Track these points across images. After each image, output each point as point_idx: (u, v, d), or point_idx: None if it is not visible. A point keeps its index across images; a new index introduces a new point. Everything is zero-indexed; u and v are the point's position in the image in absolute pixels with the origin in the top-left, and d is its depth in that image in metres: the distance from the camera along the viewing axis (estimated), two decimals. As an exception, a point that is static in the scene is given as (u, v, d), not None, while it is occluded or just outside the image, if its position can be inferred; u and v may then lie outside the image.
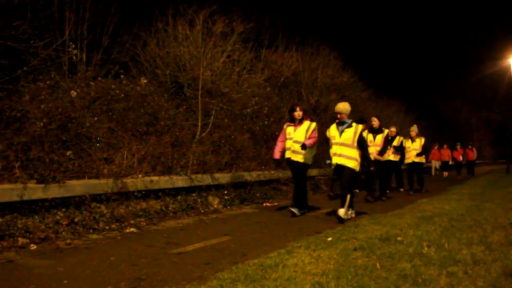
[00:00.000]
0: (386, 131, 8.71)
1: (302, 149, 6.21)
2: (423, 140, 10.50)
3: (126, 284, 3.04)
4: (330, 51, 15.37)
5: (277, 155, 6.61)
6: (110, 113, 6.64)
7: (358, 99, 17.07)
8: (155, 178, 6.25)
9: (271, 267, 3.29)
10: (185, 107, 8.54)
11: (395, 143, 9.67)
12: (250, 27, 10.95)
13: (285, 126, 6.67)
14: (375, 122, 8.76)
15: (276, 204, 7.85)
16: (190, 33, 9.78)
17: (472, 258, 3.50)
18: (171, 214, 6.17)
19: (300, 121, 6.47)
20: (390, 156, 9.40)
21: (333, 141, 6.08)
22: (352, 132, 6.00)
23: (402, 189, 11.00)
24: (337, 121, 6.14)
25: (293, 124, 6.51)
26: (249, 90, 10.21)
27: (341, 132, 6.01)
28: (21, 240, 4.18)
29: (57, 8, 7.29)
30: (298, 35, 14.03)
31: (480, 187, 11.93)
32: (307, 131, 6.38)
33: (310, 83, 14.37)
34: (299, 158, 6.35)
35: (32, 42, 6.45)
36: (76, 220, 4.85)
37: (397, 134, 9.94)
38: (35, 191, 4.65)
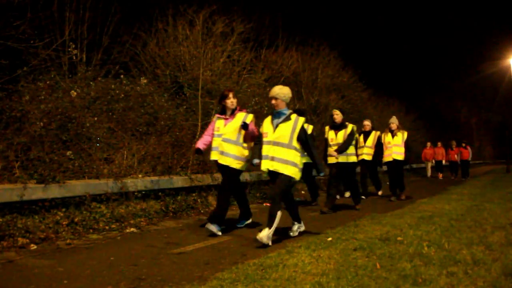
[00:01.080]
0: (350, 126, 6.94)
1: (243, 128, 4.95)
2: (405, 134, 8.60)
3: (126, 284, 3.04)
4: (330, 51, 15.38)
5: (199, 144, 5.20)
6: (110, 113, 6.64)
7: (358, 99, 17.09)
8: (155, 178, 6.25)
9: (271, 267, 3.29)
10: (185, 107, 8.54)
11: (370, 140, 9.01)
12: (250, 27, 10.96)
13: (214, 118, 5.30)
14: (337, 116, 6.98)
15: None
16: (190, 33, 9.78)
17: (472, 258, 3.50)
18: (171, 214, 6.16)
19: (233, 113, 5.09)
20: (363, 155, 8.88)
21: (264, 139, 4.59)
22: (289, 127, 4.47)
23: (380, 192, 9.83)
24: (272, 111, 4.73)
25: (223, 116, 5.14)
26: (249, 90, 10.21)
27: (276, 127, 4.51)
28: (21, 240, 4.17)
29: (57, 8, 7.30)
30: (298, 35, 14.04)
31: (480, 187, 11.93)
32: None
33: (310, 83, 14.37)
34: (228, 161, 4.99)
35: (32, 42, 6.46)
36: (76, 220, 4.85)
37: (373, 128, 9.23)
38: (35, 191, 4.65)
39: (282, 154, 4.41)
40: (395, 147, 8.54)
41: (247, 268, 3.29)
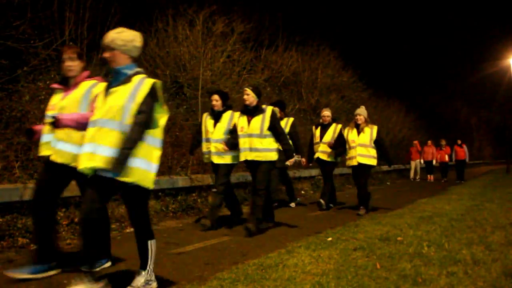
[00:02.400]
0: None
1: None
2: (375, 130, 6.64)
3: (126, 284, 3.03)
4: (330, 51, 15.40)
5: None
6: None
7: (358, 99, 17.10)
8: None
9: (271, 267, 3.29)
10: (185, 107, 8.54)
11: (328, 135, 7.07)
12: (250, 27, 10.96)
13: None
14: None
15: (276, 204, 7.83)
16: (190, 33, 9.79)
17: (472, 258, 3.50)
18: (171, 214, 6.16)
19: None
20: (319, 153, 7.10)
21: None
22: (128, 90, 2.85)
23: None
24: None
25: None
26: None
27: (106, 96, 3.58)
28: (21, 240, 4.17)
29: (57, 8, 7.29)
30: (298, 35, 14.06)
31: (480, 187, 11.92)
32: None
33: (310, 83, 14.39)
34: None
35: (32, 42, 6.46)
36: (76, 220, 4.84)
37: (334, 120, 7.38)
38: (35, 191, 4.64)
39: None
40: (361, 148, 6.57)
41: (247, 268, 3.29)
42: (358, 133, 6.64)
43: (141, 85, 2.75)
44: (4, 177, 4.69)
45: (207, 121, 5.33)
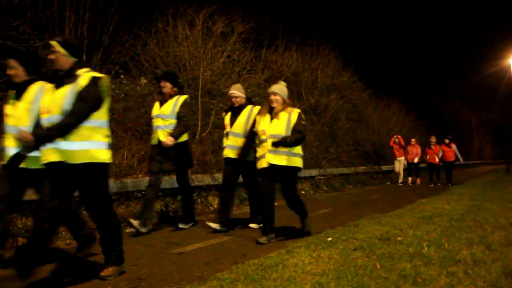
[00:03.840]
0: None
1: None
2: (295, 115, 4.41)
3: (126, 284, 3.04)
4: (330, 51, 15.41)
5: None
6: (110, 113, 6.63)
7: (358, 99, 17.11)
8: (155, 178, 6.24)
9: (271, 267, 3.29)
10: (185, 107, 8.53)
11: (239, 122, 5.01)
12: (250, 27, 10.97)
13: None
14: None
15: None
16: (190, 33, 9.80)
17: (472, 258, 3.50)
18: (171, 214, 6.16)
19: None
20: (227, 149, 5.14)
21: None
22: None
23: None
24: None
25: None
26: (249, 90, 10.22)
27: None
28: (21, 240, 4.17)
29: (57, 8, 7.29)
30: (298, 35, 14.07)
31: (480, 187, 11.92)
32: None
33: (310, 83, 14.40)
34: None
35: (32, 42, 6.46)
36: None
37: (251, 102, 5.21)
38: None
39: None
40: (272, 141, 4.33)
41: (247, 268, 3.28)
42: (271, 118, 4.45)
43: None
44: (4, 177, 4.68)
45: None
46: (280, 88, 4.57)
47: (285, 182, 4.58)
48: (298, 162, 4.49)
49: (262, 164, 4.45)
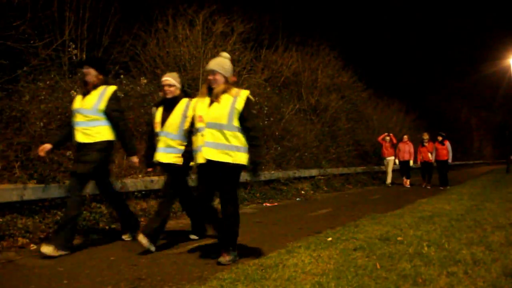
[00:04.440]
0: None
1: None
2: (242, 99, 3.58)
3: (126, 284, 3.04)
4: (330, 51, 15.40)
5: None
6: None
7: (358, 99, 17.10)
8: (155, 178, 6.24)
9: (271, 267, 3.29)
10: (185, 107, 8.53)
11: (174, 118, 4.16)
12: (250, 27, 10.96)
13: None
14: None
15: (276, 204, 7.85)
16: (190, 33, 9.79)
17: (472, 258, 3.50)
18: (171, 214, 6.15)
19: None
20: (159, 153, 4.26)
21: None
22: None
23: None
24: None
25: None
26: (249, 90, 10.23)
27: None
28: (21, 240, 4.18)
29: (57, 8, 7.30)
30: (298, 35, 14.07)
31: (480, 187, 11.92)
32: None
33: (310, 83, 14.39)
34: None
35: (32, 42, 6.47)
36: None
37: (187, 94, 4.50)
38: (35, 191, 4.65)
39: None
40: (210, 132, 3.53)
41: (247, 268, 3.29)
42: (211, 103, 3.57)
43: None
44: (4, 177, 4.69)
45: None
46: (219, 64, 3.65)
47: (225, 183, 3.59)
48: (243, 159, 3.54)
49: (199, 159, 3.55)
